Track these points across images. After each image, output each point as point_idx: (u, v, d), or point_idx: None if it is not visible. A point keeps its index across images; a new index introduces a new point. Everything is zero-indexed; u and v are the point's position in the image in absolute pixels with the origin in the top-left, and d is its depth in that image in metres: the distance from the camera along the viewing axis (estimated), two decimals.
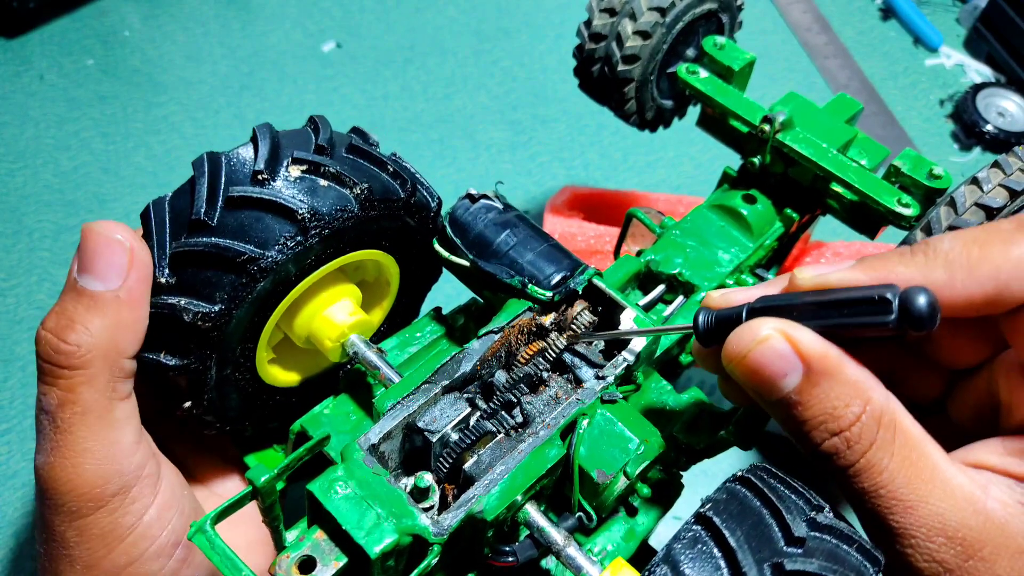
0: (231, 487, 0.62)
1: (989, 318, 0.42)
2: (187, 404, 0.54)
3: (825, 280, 0.42)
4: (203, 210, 0.49)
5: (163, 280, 0.50)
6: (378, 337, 0.65)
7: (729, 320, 0.44)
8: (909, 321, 0.37)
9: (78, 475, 0.48)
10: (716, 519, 0.38)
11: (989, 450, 0.43)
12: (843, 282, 0.41)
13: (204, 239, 0.49)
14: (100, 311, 0.48)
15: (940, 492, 0.40)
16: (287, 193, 0.50)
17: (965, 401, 0.47)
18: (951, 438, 0.44)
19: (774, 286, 0.45)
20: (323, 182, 0.52)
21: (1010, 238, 0.40)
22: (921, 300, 0.37)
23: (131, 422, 0.50)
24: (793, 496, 0.40)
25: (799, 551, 0.37)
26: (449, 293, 0.71)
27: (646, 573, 0.38)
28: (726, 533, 0.37)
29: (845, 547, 0.39)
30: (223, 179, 0.50)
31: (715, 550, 0.37)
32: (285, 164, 0.51)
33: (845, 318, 0.39)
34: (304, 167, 0.51)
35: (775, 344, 0.40)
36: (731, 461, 0.87)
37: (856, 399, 0.40)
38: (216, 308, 0.50)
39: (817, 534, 0.38)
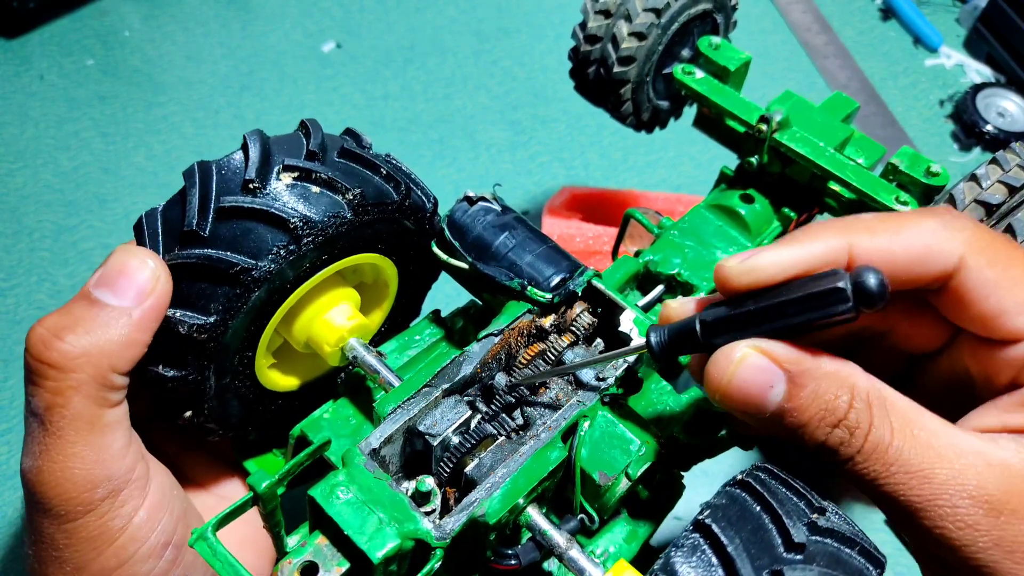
0: (227, 487, 0.62)
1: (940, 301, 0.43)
2: (188, 413, 0.54)
3: (757, 273, 0.41)
4: (195, 221, 0.49)
5: None
6: (378, 339, 0.65)
7: (683, 333, 0.44)
8: (864, 302, 0.38)
9: (67, 479, 0.47)
10: (715, 526, 0.38)
11: (983, 415, 0.43)
12: (777, 269, 0.41)
13: (196, 251, 0.49)
14: (106, 323, 0.48)
15: (951, 454, 0.40)
16: (278, 202, 0.50)
17: (934, 376, 0.47)
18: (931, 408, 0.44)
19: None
20: (315, 189, 0.51)
21: (920, 216, 0.42)
22: (871, 279, 0.37)
23: (121, 426, 0.50)
24: (794, 498, 0.40)
25: (799, 557, 0.37)
26: (448, 295, 0.71)
27: None
28: (724, 541, 0.37)
29: (847, 550, 0.39)
30: (214, 189, 0.50)
31: (713, 558, 0.37)
32: (276, 172, 0.51)
33: (803, 315, 0.40)
34: (295, 174, 0.51)
35: (753, 361, 0.40)
36: (731, 461, 0.87)
37: (842, 388, 0.40)
38: (211, 319, 0.50)
39: (818, 538, 0.38)
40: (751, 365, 0.40)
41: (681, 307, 0.46)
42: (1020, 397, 0.42)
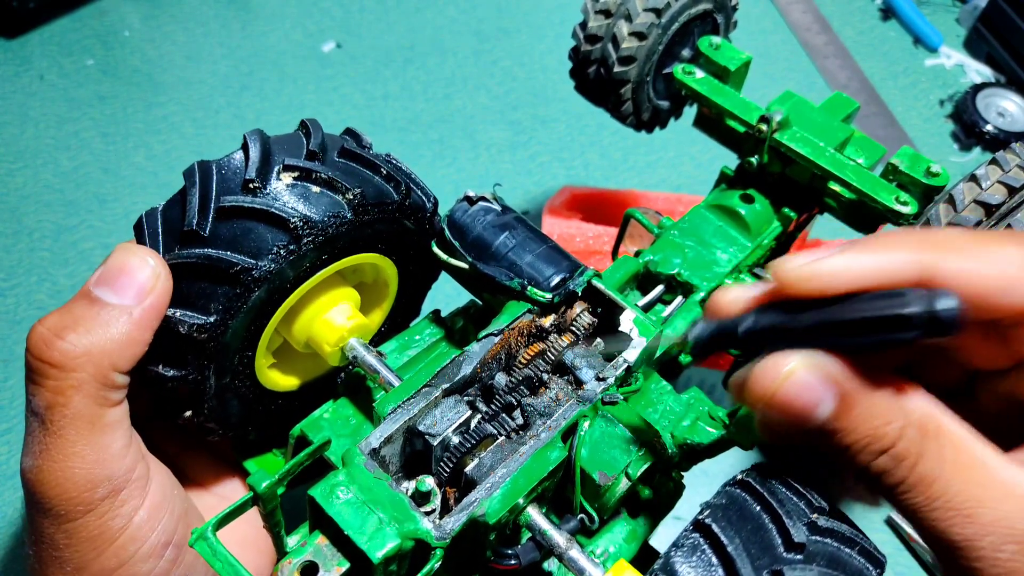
0: (227, 487, 0.62)
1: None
2: (188, 413, 0.54)
3: (823, 280, 0.38)
4: (195, 221, 0.49)
5: None
6: (378, 338, 0.65)
7: (727, 332, 0.41)
8: (935, 330, 0.35)
9: (67, 479, 0.47)
10: (715, 526, 0.38)
11: None
12: (847, 279, 0.38)
13: (197, 251, 0.49)
14: (106, 322, 0.48)
15: (1000, 495, 0.37)
16: (279, 201, 0.50)
17: (994, 393, 0.44)
18: (985, 427, 0.41)
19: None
20: (315, 189, 0.51)
21: (1007, 241, 0.38)
22: (950, 308, 0.34)
23: (122, 426, 0.50)
24: (794, 498, 0.40)
25: (799, 557, 0.37)
26: (448, 295, 0.71)
27: None
28: (724, 540, 0.37)
29: (847, 550, 0.39)
30: (214, 189, 0.50)
31: (713, 558, 0.37)
32: (276, 171, 0.51)
33: (866, 338, 0.36)
34: (295, 174, 0.51)
35: (802, 377, 0.38)
36: (731, 461, 0.87)
37: (895, 413, 0.38)
38: (211, 319, 0.50)
39: (817, 538, 0.38)
40: (799, 381, 0.38)
41: (734, 302, 0.41)
42: None
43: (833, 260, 0.38)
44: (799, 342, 0.38)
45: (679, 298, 0.65)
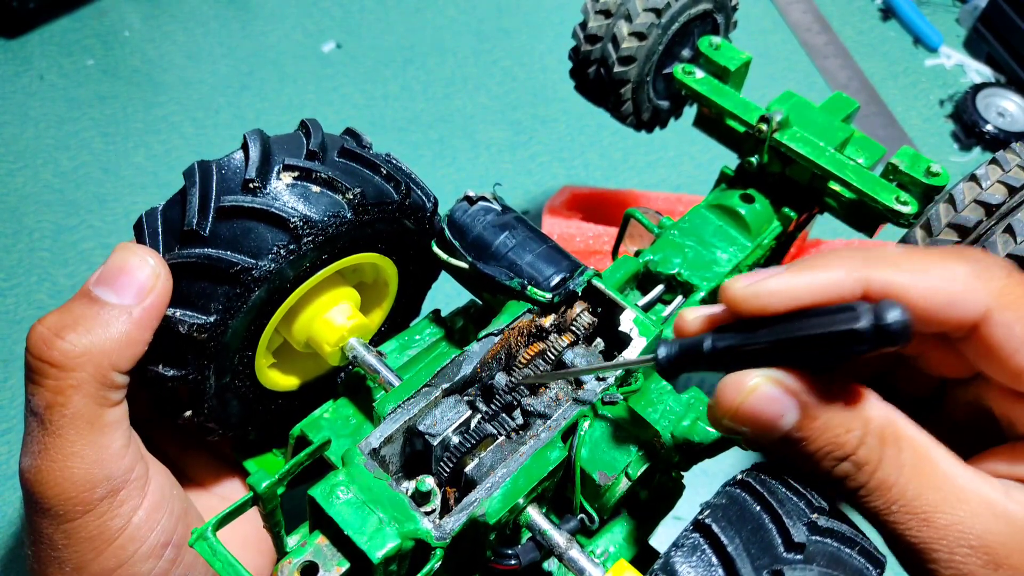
0: (227, 486, 0.62)
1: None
2: (188, 413, 0.54)
3: (764, 299, 0.39)
4: (195, 221, 0.49)
5: None
6: (378, 338, 0.65)
7: (693, 353, 0.42)
8: (884, 340, 0.36)
9: (66, 479, 0.47)
10: (715, 526, 0.38)
11: (999, 458, 0.42)
12: (786, 297, 0.39)
13: (197, 250, 0.49)
14: (106, 321, 0.48)
15: (955, 499, 0.38)
16: (279, 201, 0.50)
17: (960, 402, 0.46)
18: (953, 435, 0.43)
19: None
20: (315, 188, 0.51)
21: (949, 258, 0.39)
22: (895, 318, 0.35)
23: (121, 426, 0.50)
24: (794, 498, 0.40)
25: (799, 557, 0.37)
26: (448, 295, 0.71)
27: None
28: (724, 540, 0.37)
29: (847, 550, 0.38)
30: (214, 188, 0.50)
31: (713, 558, 0.37)
32: (276, 171, 0.51)
33: (819, 352, 0.38)
34: (295, 174, 0.51)
35: (765, 390, 0.39)
36: (732, 461, 0.87)
37: (855, 421, 0.39)
38: (211, 319, 0.50)
39: (817, 538, 0.38)
40: (763, 394, 0.39)
41: (694, 321, 0.43)
42: None
43: (775, 280, 0.39)
44: (759, 360, 0.40)
45: (679, 298, 0.65)
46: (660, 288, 0.66)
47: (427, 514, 0.45)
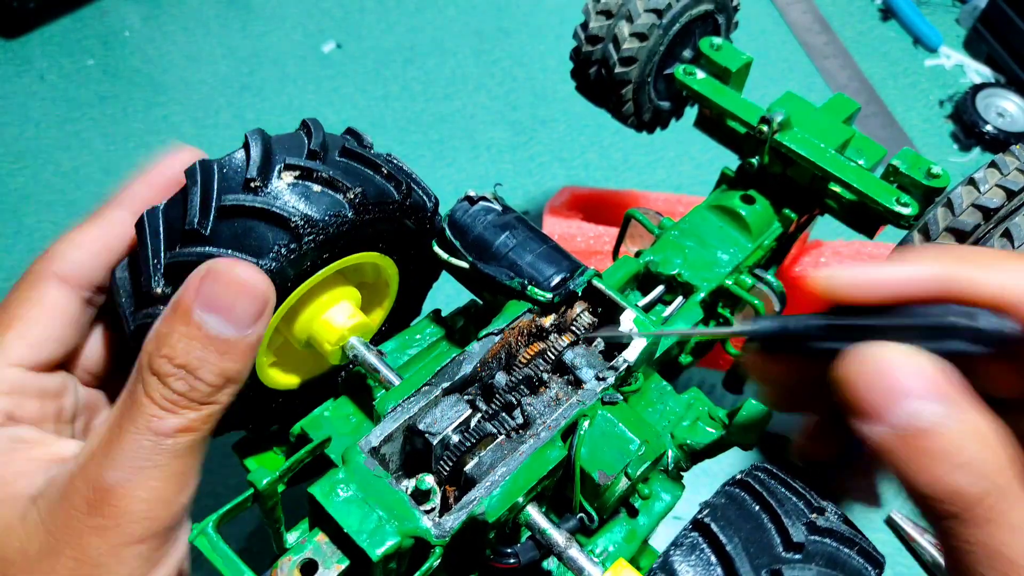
0: None
1: None
2: None
3: (869, 287, 0.37)
4: (196, 220, 0.49)
5: (158, 291, 0.49)
6: (379, 338, 0.65)
7: (800, 333, 0.40)
8: (1003, 344, 0.34)
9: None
10: (714, 525, 0.38)
11: None
12: (894, 286, 0.37)
13: (198, 249, 0.49)
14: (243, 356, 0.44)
15: None
16: (280, 201, 0.50)
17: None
18: None
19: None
20: (316, 188, 0.52)
21: None
22: (1012, 327, 0.34)
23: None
24: (793, 498, 0.40)
25: (798, 557, 0.37)
26: (449, 294, 0.71)
27: None
28: (723, 540, 0.37)
29: (846, 550, 0.39)
30: (216, 188, 0.50)
31: (712, 557, 0.37)
32: (277, 171, 0.51)
33: (930, 341, 0.35)
34: (297, 173, 0.51)
35: (914, 362, 0.35)
36: (731, 461, 0.87)
37: (987, 462, 0.34)
38: None
39: (817, 538, 0.38)
40: (909, 364, 0.35)
41: (854, 280, 0.38)
42: None
43: (887, 268, 0.37)
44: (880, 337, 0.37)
45: (679, 298, 0.65)
46: (660, 289, 0.66)
47: (427, 512, 0.45)
